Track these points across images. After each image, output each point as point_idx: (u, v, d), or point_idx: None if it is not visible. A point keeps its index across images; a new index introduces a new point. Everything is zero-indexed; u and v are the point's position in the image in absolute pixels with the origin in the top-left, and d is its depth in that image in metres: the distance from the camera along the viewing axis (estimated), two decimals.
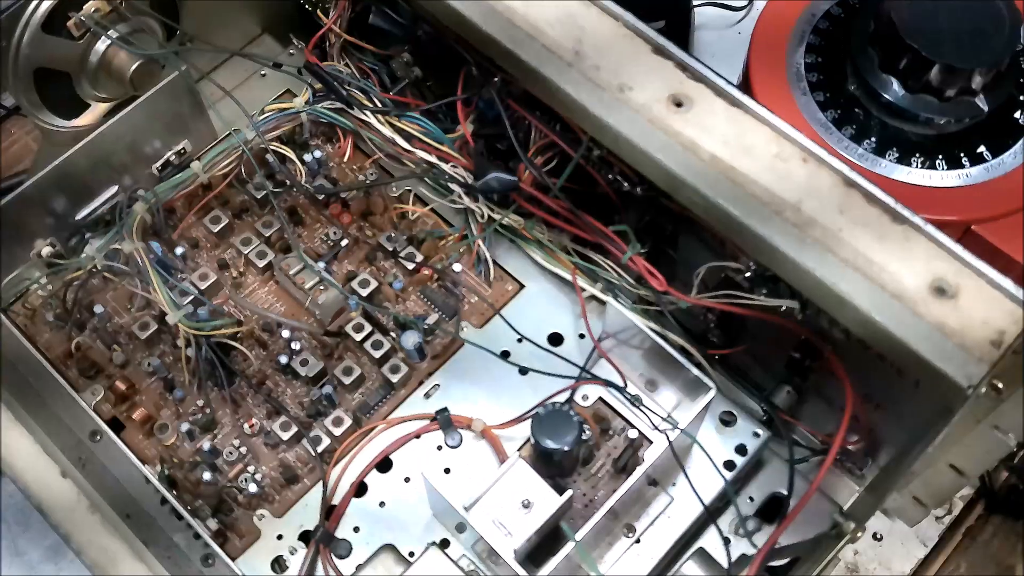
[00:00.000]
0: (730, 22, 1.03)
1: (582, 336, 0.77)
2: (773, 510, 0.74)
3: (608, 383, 0.72)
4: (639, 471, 0.64)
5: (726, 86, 0.65)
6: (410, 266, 0.79)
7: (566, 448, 0.67)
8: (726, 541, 0.69)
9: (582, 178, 0.76)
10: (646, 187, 0.72)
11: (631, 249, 0.72)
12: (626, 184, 0.74)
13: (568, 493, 0.65)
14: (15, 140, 0.98)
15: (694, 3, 0.99)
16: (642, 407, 0.71)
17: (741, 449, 0.73)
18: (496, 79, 0.76)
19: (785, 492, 0.72)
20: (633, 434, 0.71)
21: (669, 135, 0.63)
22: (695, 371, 0.68)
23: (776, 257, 0.59)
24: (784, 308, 0.67)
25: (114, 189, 0.81)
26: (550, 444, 0.67)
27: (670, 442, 0.66)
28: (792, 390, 0.75)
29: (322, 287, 0.76)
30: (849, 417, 0.63)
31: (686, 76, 0.65)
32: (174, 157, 0.83)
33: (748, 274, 0.69)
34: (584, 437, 0.69)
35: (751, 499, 0.74)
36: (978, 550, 0.73)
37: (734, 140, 0.63)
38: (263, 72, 0.91)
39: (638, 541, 0.70)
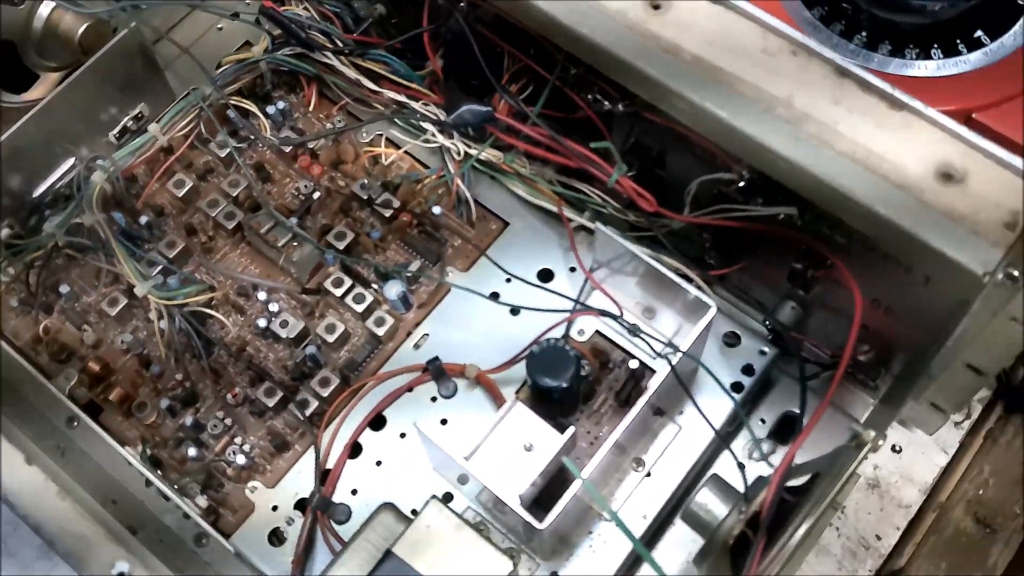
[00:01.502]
0: None
1: (573, 269, 0.73)
2: (787, 430, 0.71)
3: (604, 312, 0.68)
4: (642, 401, 0.61)
5: None
6: (387, 213, 0.75)
7: (564, 385, 0.64)
8: (740, 466, 0.66)
9: (560, 103, 0.72)
10: (628, 102, 0.67)
11: (617, 171, 0.68)
12: (606, 103, 0.70)
13: (570, 430, 0.61)
14: None
15: None
16: (641, 335, 0.67)
17: (748, 369, 0.69)
18: (462, 4, 0.71)
19: (797, 411, 0.68)
20: (634, 364, 0.68)
21: (648, 39, 0.58)
22: (693, 291, 0.64)
23: (770, 158, 0.55)
24: (782, 216, 0.63)
25: (71, 161, 0.77)
26: (547, 382, 0.63)
27: (672, 367, 0.62)
28: (796, 304, 0.71)
29: (295, 243, 0.72)
30: (858, 326, 0.59)
31: None
32: (131, 123, 0.79)
33: (741, 184, 0.64)
34: (583, 372, 0.66)
35: (763, 421, 0.70)
36: (1000, 452, 0.70)
37: (718, 39, 0.58)
38: (220, 25, 0.86)
39: (649, 475, 0.67)
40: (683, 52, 0.58)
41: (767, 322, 0.72)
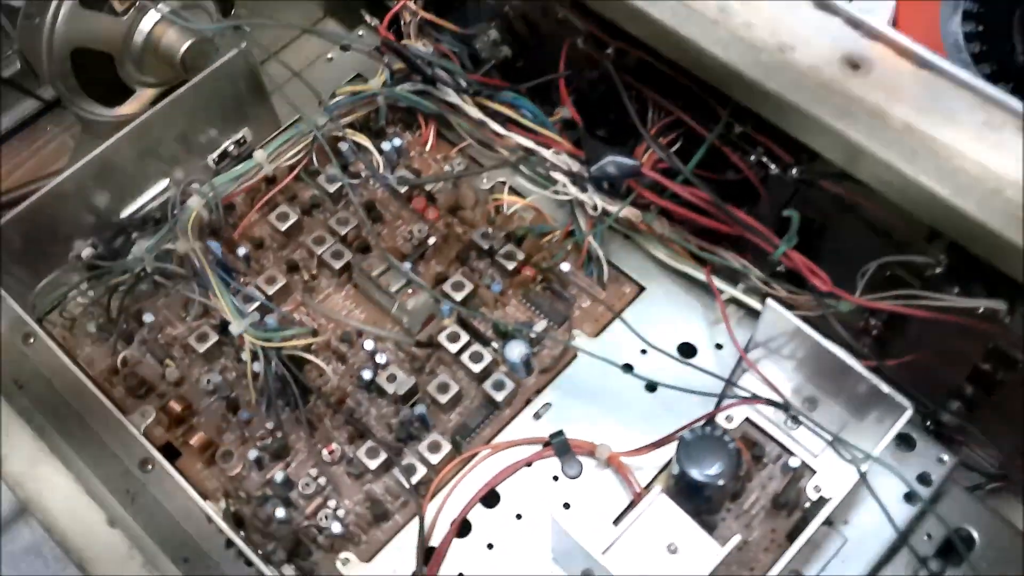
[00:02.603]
0: None
1: (719, 347, 0.65)
2: (956, 549, 0.61)
3: (769, 402, 0.60)
4: (820, 518, 0.52)
5: (910, 44, 0.54)
6: (510, 266, 0.67)
7: (721, 482, 0.55)
8: None
9: (709, 162, 0.65)
10: (803, 167, 0.61)
11: (787, 242, 0.60)
12: (772, 166, 0.63)
13: (734, 540, 0.53)
14: (52, 138, 0.87)
15: None
16: (808, 427, 0.59)
17: (924, 479, 0.61)
18: (609, 50, 0.65)
19: (969, 526, 0.59)
20: (794, 462, 0.59)
21: (849, 101, 0.52)
22: (885, 388, 0.56)
23: (995, 243, 0.48)
24: (982, 310, 0.56)
25: (164, 183, 0.71)
26: (701, 476, 0.55)
27: (863, 476, 0.53)
28: (962, 404, 0.64)
29: (410, 290, 0.65)
30: None
31: (859, 34, 0.55)
32: (233, 147, 0.72)
33: (939, 269, 0.57)
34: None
35: (928, 536, 0.61)
36: None
37: (928, 104, 0.52)
38: (329, 56, 0.81)
39: None
40: (891, 118, 0.52)
41: (928, 422, 0.64)
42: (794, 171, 0.62)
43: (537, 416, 0.63)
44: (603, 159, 0.65)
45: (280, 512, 0.58)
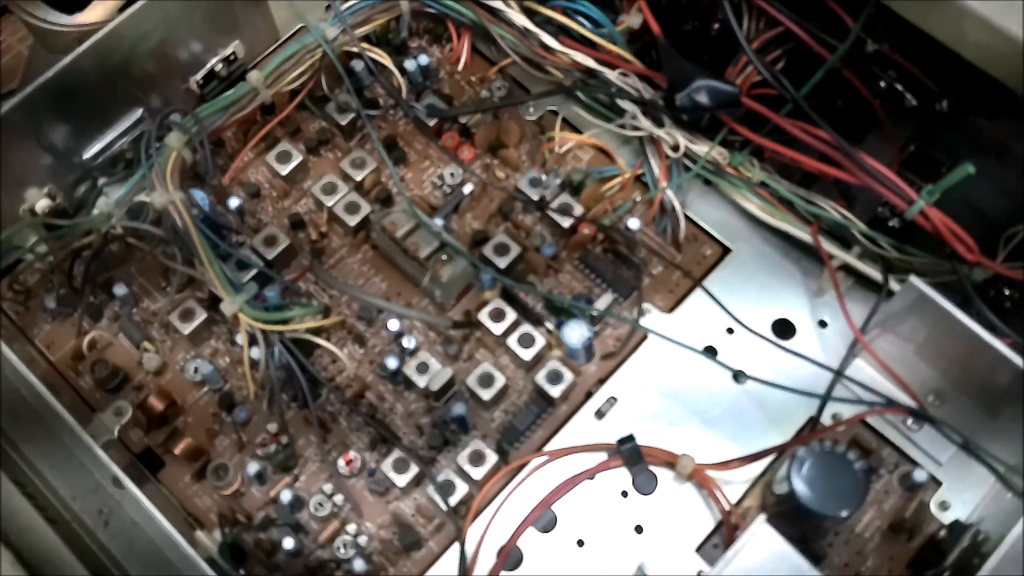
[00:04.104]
0: None
1: (823, 324, 0.53)
2: None
3: (910, 411, 0.48)
4: (995, 558, 0.40)
5: None
6: (565, 223, 0.54)
7: (845, 515, 0.43)
8: None
9: (820, 88, 0.52)
10: (955, 100, 0.47)
11: (926, 197, 0.47)
12: (909, 96, 0.49)
13: None
14: (4, 50, 0.73)
15: None
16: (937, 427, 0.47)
17: None
18: None
19: None
20: (920, 476, 0.48)
21: None
22: None
23: None
24: None
25: (138, 113, 0.57)
26: (824, 509, 0.43)
27: None
28: None
29: (444, 255, 0.52)
30: None
31: None
32: (221, 66, 0.59)
33: None
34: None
35: None
36: None
37: None
38: None
39: None
40: None
41: None
42: (944, 104, 0.48)
43: (600, 415, 0.51)
44: (693, 83, 0.51)
45: (288, 542, 0.47)
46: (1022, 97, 0.43)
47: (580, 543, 0.49)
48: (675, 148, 0.54)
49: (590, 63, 0.56)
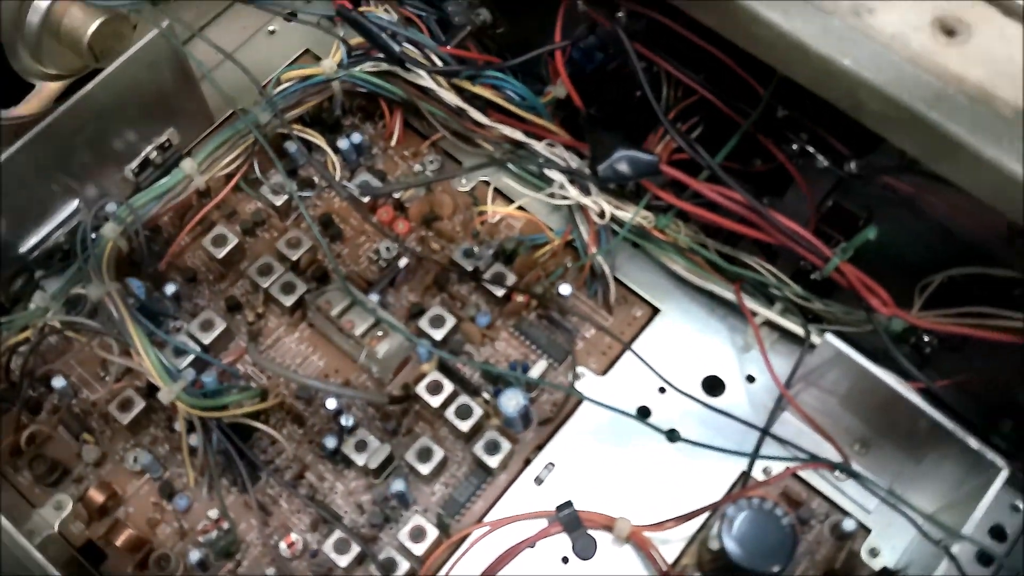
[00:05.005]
0: None
1: (751, 379, 0.54)
2: None
3: (834, 465, 0.49)
4: None
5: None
6: (499, 292, 0.55)
7: (776, 570, 0.44)
8: None
9: (738, 151, 0.54)
10: (864, 160, 0.49)
11: (840, 255, 0.49)
12: (821, 157, 0.51)
13: None
14: None
15: None
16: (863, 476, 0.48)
17: (998, 533, 0.50)
18: (620, 13, 0.52)
19: None
20: (849, 525, 0.49)
21: (943, 80, 0.39)
22: (974, 442, 0.45)
23: None
24: None
25: (74, 204, 0.58)
26: (754, 565, 0.44)
27: (951, 556, 0.42)
28: (1015, 424, 0.53)
29: (380, 332, 0.53)
30: None
31: None
32: (156, 154, 0.60)
33: None
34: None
35: None
36: None
37: None
38: (271, 27, 0.67)
39: None
40: (999, 102, 0.39)
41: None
42: (852, 165, 0.49)
43: (539, 481, 0.52)
44: (613, 154, 0.53)
45: None
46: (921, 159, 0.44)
47: None
48: (601, 215, 0.55)
49: (518, 135, 0.57)
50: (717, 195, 0.52)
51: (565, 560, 0.50)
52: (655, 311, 0.57)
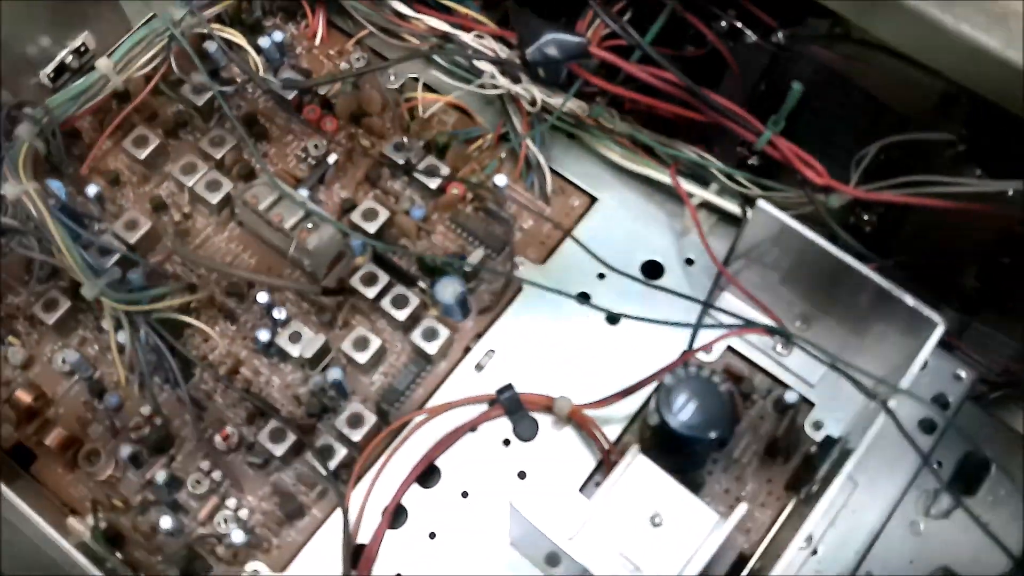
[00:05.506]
0: None
1: (690, 262, 0.54)
2: (971, 476, 0.52)
3: (770, 330, 0.49)
4: (843, 471, 0.42)
5: None
6: (433, 184, 0.55)
7: (713, 435, 0.44)
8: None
9: (665, 34, 0.53)
10: (788, 32, 0.49)
11: (772, 127, 0.49)
12: (749, 32, 0.51)
13: (740, 509, 0.42)
14: None
15: None
16: (804, 349, 0.48)
17: (940, 400, 0.51)
18: None
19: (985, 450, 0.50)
20: (791, 397, 0.49)
21: None
22: (910, 299, 0.45)
23: None
24: (1012, 193, 0.45)
25: None
26: (689, 431, 0.44)
27: (891, 413, 0.43)
28: (960, 306, 0.55)
29: (309, 225, 0.52)
30: None
31: None
32: (71, 58, 0.58)
33: (961, 148, 0.46)
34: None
35: (939, 464, 0.51)
36: None
37: None
38: None
39: (815, 552, 0.48)
40: None
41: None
42: (779, 35, 0.49)
43: (479, 368, 0.52)
44: (540, 38, 0.52)
45: (166, 521, 0.46)
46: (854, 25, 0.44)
47: (464, 495, 0.49)
48: (533, 103, 0.54)
49: (445, 27, 0.56)
50: (649, 76, 0.51)
51: (507, 443, 0.50)
52: (593, 200, 0.56)
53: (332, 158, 0.55)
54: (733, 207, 0.53)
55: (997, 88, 0.41)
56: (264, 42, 0.58)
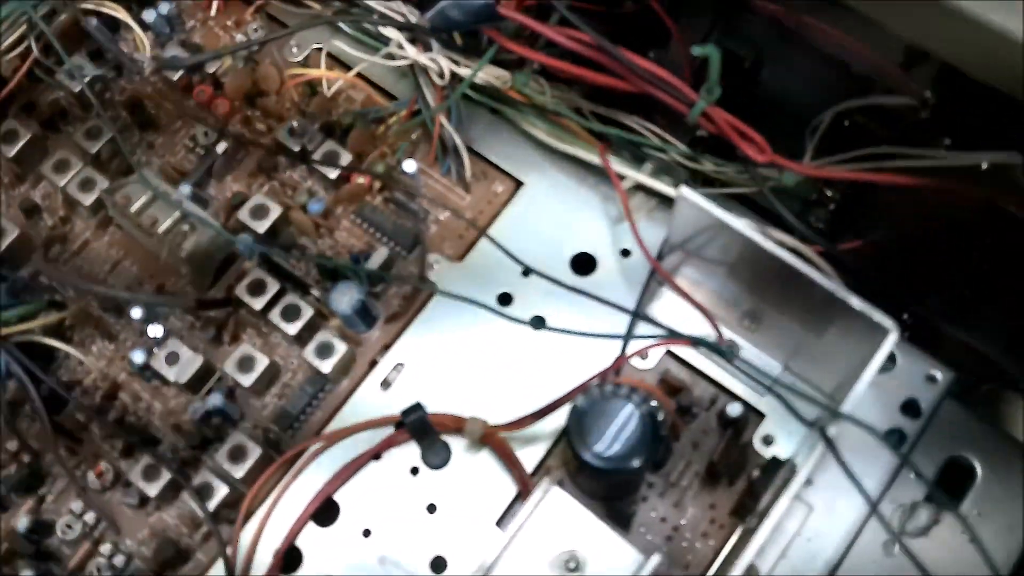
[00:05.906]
0: None
1: (626, 253, 0.47)
2: (954, 483, 0.45)
3: (698, 342, 0.42)
4: (786, 495, 0.35)
5: None
6: (332, 174, 0.48)
7: (635, 466, 0.38)
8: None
9: None
10: None
11: (705, 97, 0.41)
12: None
13: (654, 560, 0.36)
14: None
15: None
16: (742, 361, 0.42)
17: (911, 407, 0.44)
18: None
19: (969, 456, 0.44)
20: (734, 410, 0.42)
21: None
22: (857, 302, 0.38)
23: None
24: (986, 166, 0.38)
25: None
26: (599, 462, 0.38)
27: (828, 441, 0.36)
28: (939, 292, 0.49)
29: (186, 226, 0.46)
30: None
31: None
32: None
33: (923, 114, 0.39)
34: (661, 432, 0.40)
35: (915, 475, 0.44)
36: None
37: None
38: None
39: None
40: None
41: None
42: None
43: (386, 384, 0.46)
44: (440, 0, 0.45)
45: (27, 574, 0.41)
46: None
47: (366, 533, 0.43)
48: (441, 75, 0.47)
49: None
50: (564, 38, 0.44)
51: (415, 471, 0.44)
52: (518, 185, 0.49)
53: (222, 146, 0.49)
54: (668, 190, 0.46)
55: (964, 48, 0.34)
56: (149, 16, 0.51)
